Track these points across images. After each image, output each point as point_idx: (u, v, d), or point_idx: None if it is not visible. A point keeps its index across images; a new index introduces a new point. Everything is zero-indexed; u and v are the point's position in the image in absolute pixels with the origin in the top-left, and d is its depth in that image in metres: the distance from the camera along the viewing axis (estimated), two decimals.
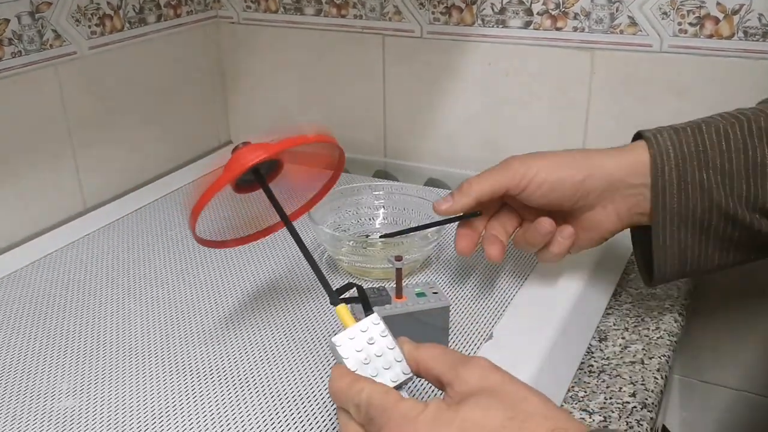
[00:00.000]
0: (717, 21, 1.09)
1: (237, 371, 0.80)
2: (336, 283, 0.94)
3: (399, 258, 0.80)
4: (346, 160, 0.85)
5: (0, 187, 1.12)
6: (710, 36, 1.10)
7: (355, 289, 0.71)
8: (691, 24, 1.10)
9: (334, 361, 0.65)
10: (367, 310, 0.67)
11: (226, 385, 0.78)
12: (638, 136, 0.86)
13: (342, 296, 0.70)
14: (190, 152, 1.47)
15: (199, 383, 0.79)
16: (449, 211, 0.87)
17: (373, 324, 0.65)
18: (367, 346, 0.64)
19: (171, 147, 1.42)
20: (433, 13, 1.27)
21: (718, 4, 1.08)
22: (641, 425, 0.79)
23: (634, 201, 0.85)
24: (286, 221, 0.76)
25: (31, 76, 1.14)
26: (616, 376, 0.86)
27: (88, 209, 1.25)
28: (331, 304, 0.69)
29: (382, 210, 1.06)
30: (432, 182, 1.29)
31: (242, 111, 1.54)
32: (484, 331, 0.85)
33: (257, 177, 0.76)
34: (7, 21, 1.09)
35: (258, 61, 1.48)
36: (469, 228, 0.89)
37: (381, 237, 0.97)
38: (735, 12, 1.07)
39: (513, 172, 0.84)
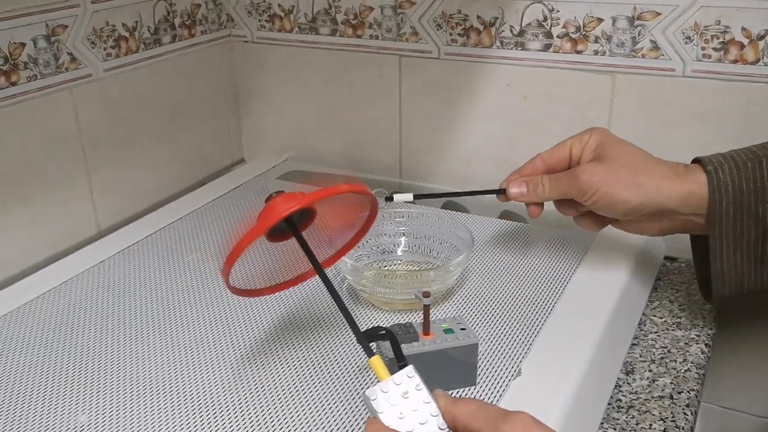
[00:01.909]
0: (742, 46, 1.08)
1: (255, 404, 0.79)
2: (359, 316, 0.94)
3: (427, 294, 0.79)
4: (365, 185, 0.84)
5: (15, 211, 1.11)
6: (735, 61, 1.09)
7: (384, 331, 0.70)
8: (715, 49, 1.09)
9: (368, 414, 0.64)
10: (401, 361, 0.66)
11: (244, 419, 0.77)
12: (696, 160, 0.91)
13: (372, 335, 0.69)
14: (204, 171, 1.46)
15: (215, 415, 0.77)
16: (520, 200, 0.98)
17: (408, 377, 0.64)
18: (402, 400, 0.63)
19: (185, 166, 1.42)
20: (450, 34, 1.26)
21: (743, 29, 1.07)
22: None
23: (679, 224, 0.92)
24: (320, 270, 0.74)
25: (46, 100, 1.13)
26: (645, 412, 0.85)
27: (102, 232, 1.24)
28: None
29: (403, 238, 1.05)
30: (449, 205, 1.27)
31: (255, 130, 1.53)
32: (512, 367, 0.83)
33: (290, 226, 0.75)
34: (23, 45, 1.08)
35: (272, 80, 1.47)
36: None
37: (416, 196, 0.98)
38: (761, 37, 1.06)
39: (580, 185, 0.91)
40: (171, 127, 1.37)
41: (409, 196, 0.97)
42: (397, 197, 0.96)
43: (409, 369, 0.64)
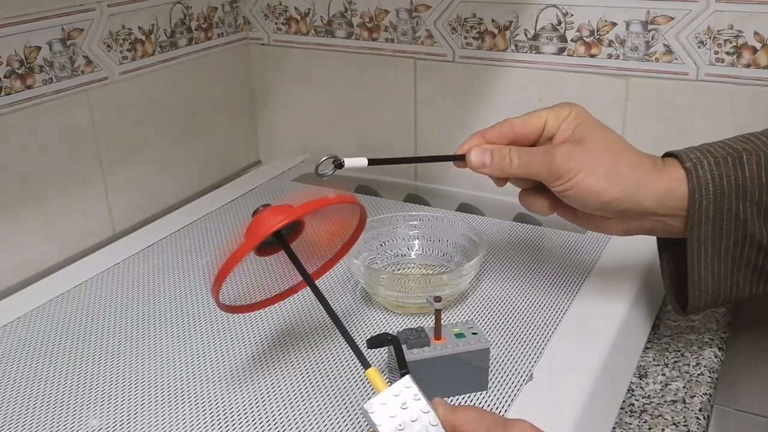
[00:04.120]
0: (754, 50, 1.08)
1: (262, 414, 0.79)
2: (372, 319, 0.95)
3: (438, 299, 0.79)
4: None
5: (31, 213, 1.12)
6: (747, 65, 1.09)
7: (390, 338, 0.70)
8: (728, 53, 1.09)
9: (368, 427, 0.64)
10: (403, 368, 0.66)
11: (249, 429, 0.77)
12: (670, 154, 0.84)
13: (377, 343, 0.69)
14: (220, 173, 1.47)
15: (224, 423, 0.78)
16: (481, 171, 0.84)
17: (406, 388, 0.64)
18: (401, 411, 0.63)
19: (201, 168, 1.42)
20: (465, 37, 1.26)
21: (756, 33, 1.07)
22: None
23: (649, 226, 0.84)
24: (310, 282, 0.74)
25: (61, 103, 1.14)
26: (658, 416, 0.85)
27: (117, 234, 1.25)
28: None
29: (417, 241, 1.05)
30: (464, 207, 1.27)
31: (271, 132, 1.53)
32: (524, 372, 0.84)
33: (279, 240, 0.74)
34: (38, 48, 1.09)
35: (288, 83, 1.47)
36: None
37: (370, 161, 0.84)
38: None
39: (556, 168, 0.80)
40: (187, 130, 1.37)
41: (363, 161, 0.83)
42: (348, 162, 0.82)
43: (407, 379, 0.64)
